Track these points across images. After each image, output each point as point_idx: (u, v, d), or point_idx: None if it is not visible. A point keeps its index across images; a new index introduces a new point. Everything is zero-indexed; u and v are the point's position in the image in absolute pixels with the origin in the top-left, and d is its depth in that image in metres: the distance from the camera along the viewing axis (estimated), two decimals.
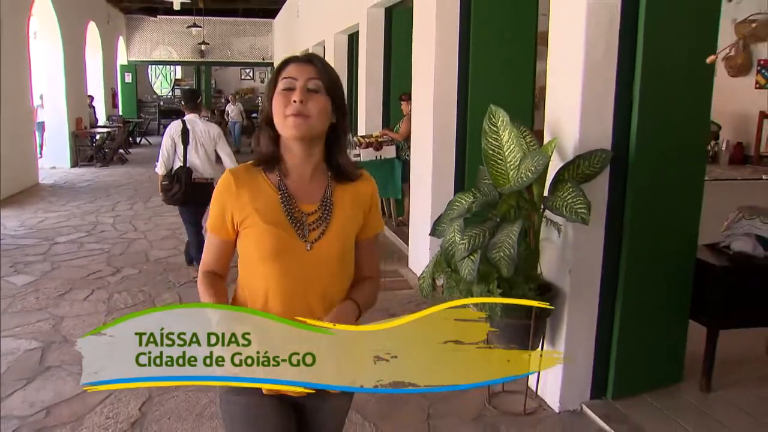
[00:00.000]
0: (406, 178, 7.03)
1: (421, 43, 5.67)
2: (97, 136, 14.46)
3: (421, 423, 3.34)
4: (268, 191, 1.68)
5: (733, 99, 7.24)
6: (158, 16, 21.44)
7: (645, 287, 3.43)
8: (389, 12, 7.82)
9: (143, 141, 19.15)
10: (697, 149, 3.51)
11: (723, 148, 6.90)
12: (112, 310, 4.96)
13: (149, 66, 23.37)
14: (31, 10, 11.84)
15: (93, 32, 16.51)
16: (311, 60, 1.66)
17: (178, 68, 24.68)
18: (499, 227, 3.06)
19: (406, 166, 7.06)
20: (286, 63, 1.67)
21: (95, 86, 16.88)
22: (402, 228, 7.37)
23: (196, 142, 5.43)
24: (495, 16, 4.97)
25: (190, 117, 5.53)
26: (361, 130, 8.29)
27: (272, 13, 20.70)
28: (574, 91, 3.19)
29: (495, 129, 3.27)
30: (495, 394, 3.61)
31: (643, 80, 3.17)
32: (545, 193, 3.24)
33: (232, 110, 17.84)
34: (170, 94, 23.98)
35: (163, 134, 5.74)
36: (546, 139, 3.41)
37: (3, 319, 4.70)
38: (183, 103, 5.80)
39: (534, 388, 3.61)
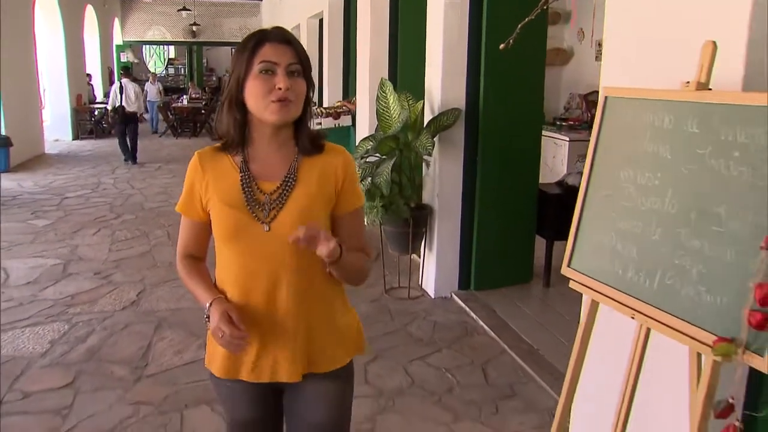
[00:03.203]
0: None
1: (361, 31, 7.01)
2: (96, 112, 15.75)
3: None
4: (231, 172, 1.66)
5: None
6: None
7: (496, 208, 4.81)
8: (348, 1, 9.12)
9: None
10: (533, 105, 4.86)
11: None
12: (115, 241, 6.37)
13: (143, 46, 24.52)
14: None
15: (90, 15, 17.72)
16: (289, 41, 1.61)
17: (172, 48, 25.84)
18: (382, 161, 4.45)
19: None
20: (260, 42, 1.58)
21: (93, 65, 18.11)
22: None
23: (126, 93, 11.18)
24: (416, 8, 6.28)
25: (124, 80, 11.37)
26: (326, 102, 9.64)
27: None
28: (437, 67, 4.58)
29: (384, 95, 4.65)
30: (391, 288, 5.01)
31: (486, 58, 4.53)
32: None
33: (151, 89, 17.00)
34: (164, 72, 25.16)
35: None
36: (426, 101, 4.79)
37: (31, 248, 6.09)
38: (122, 72, 11.94)
39: (420, 283, 5.03)
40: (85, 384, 3.50)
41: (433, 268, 4.84)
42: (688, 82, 1.84)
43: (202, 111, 16.65)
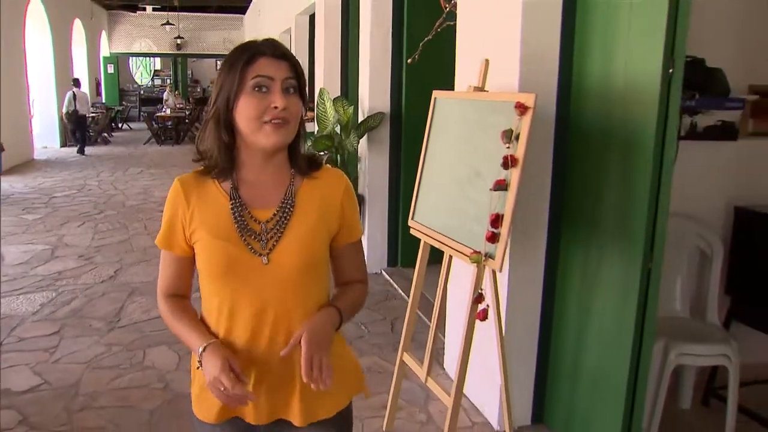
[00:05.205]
0: None
1: (318, 46, 7.91)
2: None
3: None
4: (218, 199, 1.49)
5: None
6: (137, 12, 23.49)
7: None
8: (312, 19, 10.02)
9: (125, 126, 21.22)
10: None
11: None
12: (98, 231, 7.22)
13: (130, 58, 25.38)
14: (26, 9, 13.93)
15: (78, 27, 18.58)
16: (285, 55, 1.45)
17: (157, 59, 26.70)
18: None
19: None
20: (254, 56, 1.42)
21: (81, 76, 18.88)
22: None
23: (78, 99, 14.31)
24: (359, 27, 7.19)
25: (76, 90, 14.54)
26: None
27: (243, 9, 22.80)
28: (365, 77, 5.48)
29: (323, 101, 5.55)
30: None
31: (406, 69, 5.43)
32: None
33: (171, 99, 18.91)
34: (150, 83, 25.99)
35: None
36: (359, 107, 5.68)
37: (23, 237, 6.93)
38: (72, 84, 14.97)
39: None
40: (68, 332, 4.35)
41: (365, 248, 5.71)
42: (470, 86, 2.73)
43: (186, 120, 17.52)
